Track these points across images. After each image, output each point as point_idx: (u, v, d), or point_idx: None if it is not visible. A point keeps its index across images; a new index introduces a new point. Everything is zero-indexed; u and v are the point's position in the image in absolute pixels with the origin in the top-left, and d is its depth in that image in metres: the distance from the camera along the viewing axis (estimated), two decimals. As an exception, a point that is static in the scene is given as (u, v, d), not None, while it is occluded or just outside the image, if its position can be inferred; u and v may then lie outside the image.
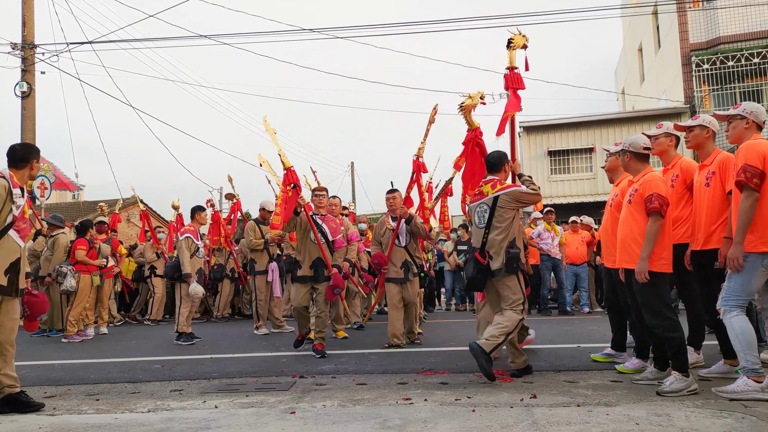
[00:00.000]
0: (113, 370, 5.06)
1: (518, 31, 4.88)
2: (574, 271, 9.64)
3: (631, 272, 3.72)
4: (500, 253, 4.17)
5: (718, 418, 2.91)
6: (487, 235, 4.24)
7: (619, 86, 25.23)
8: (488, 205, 4.27)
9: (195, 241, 7.19)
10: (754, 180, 3.33)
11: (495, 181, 4.36)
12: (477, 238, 4.35)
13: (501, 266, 4.15)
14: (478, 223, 4.36)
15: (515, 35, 4.84)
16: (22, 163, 3.77)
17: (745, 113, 3.59)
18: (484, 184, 4.40)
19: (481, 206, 4.33)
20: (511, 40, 4.83)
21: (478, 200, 4.39)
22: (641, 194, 3.69)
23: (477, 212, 4.37)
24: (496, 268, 4.17)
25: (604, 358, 4.66)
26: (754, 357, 3.33)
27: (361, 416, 3.19)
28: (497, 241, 4.20)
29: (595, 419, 2.96)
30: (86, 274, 7.78)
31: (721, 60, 15.19)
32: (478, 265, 4.18)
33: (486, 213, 4.27)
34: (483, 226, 4.27)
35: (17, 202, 3.64)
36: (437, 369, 4.56)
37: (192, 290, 6.90)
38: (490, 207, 4.25)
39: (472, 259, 4.25)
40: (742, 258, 3.36)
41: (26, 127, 11.38)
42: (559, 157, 16.93)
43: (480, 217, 4.33)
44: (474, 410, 3.22)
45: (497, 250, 4.19)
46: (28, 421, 3.35)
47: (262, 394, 3.90)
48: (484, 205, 4.30)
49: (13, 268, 3.60)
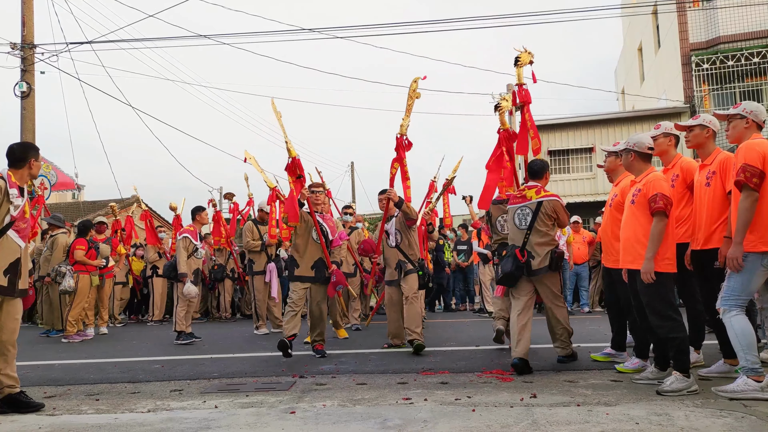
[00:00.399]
0: (113, 370, 5.06)
1: (524, 48, 5.24)
2: (576, 271, 9.64)
3: (635, 272, 3.71)
4: (543, 254, 4.51)
5: (717, 418, 2.92)
6: (529, 236, 4.57)
7: (619, 86, 25.23)
8: (531, 209, 4.61)
9: (193, 241, 7.18)
10: (754, 180, 3.33)
11: (539, 187, 4.71)
12: (517, 237, 4.66)
13: (545, 265, 4.49)
14: (518, 224, 4.68)
15: (521, 53, 5.21)
16: (20, 163, 3.76)
17: (745, 113, 3.59)
18: (527, 189, 4.73)
19: (524, 209, 4.66)
20: (518, 58, 5.19)
21: (519, 203, 4.72)
22: (645, 194, 3.68)
23: (518, 214, 4.69)
24: (538, 267, 4.49)
25: (604, 357, 4.66)
26: (753, 356, 3.33)
27: (361, 416, 3.19)
28: (540, 243, 4.53)
29: (595, 419, 2.96)
30: (85, 274, 7.78)
31: (721, 60, 15.19)
32: (517, 262, 4.49)
33: (528, 216, 4.61)
34: (524, 227, 4.62)
35: (15, 202, 3.62)
36: (437, 369, 4.56)
37: (185, 290, 6.90)
38: (533, 211, 4.59)
39: (512, 255, 4.54)
40: (742, 258, 3.36)
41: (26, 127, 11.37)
42: (558, 157, 16.92)
43: (521, 219, 4.66)
44: (474, 410, 3.22)
45: (540, 251, 4.51)
46: (28, 421, 3.35)
47: (262, 394, 3.90)
48: (527, 208, 4.64)
49: (13, 269, 3.59)
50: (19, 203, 3.67)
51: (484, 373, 4.33)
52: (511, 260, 4.52)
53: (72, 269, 7.65)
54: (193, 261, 7.17)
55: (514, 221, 4.72)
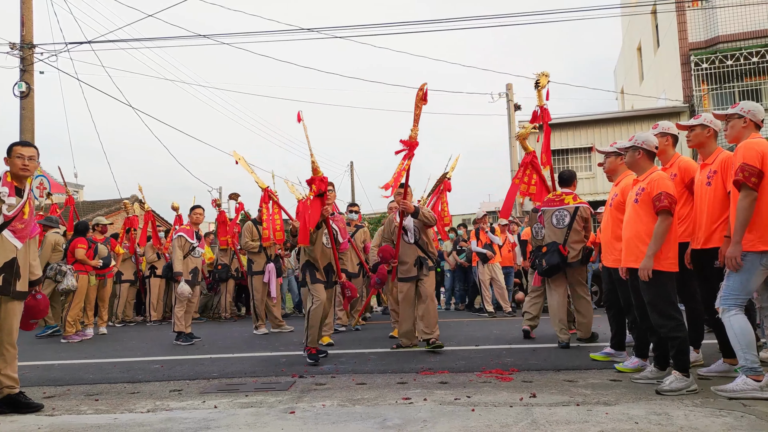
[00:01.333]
0: (112, 371, 5.06)
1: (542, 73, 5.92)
2: None
3: (637, 271, 3.72)
4: (578, 250, 5.50)
5: (717, 417, 2.92)
6: (568, 234, 5.50)
7: (618, 85, 25.23)
8: (570, 212, 5.55)
9: (189, 239, 7.15)
10: (752, 179, 3.33)
11: (574, 194, 5.64)
12: (557, 236, 5.55)
13: (578, 259, 5.49)
14: (556, 224, 5.59)
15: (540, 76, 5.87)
16: (6, 158, 3.72)
17: (743, 112, 3.59)
18: (565, 195, 5.65)
19: (561, 212, 5.59)
20: (538, 81, 5.89)
21: (556, 206, 5.64)
22: (649, 193, 3.68)
23: (555, 215, 5.61)
24: (572, 260, 5.48)
25: (604, 357, 4.66)
26: (753, 356, 3.34)
27: (361, 416, 3.19)
28: (576, 241, 5.51)
29: (595, 418, 2.96)
30: (84, 274, 7.78)
31: (720, 59, 15.19)
32: (561, 256, 5.43)
33: (567, 218, 5.56)
34: (563, 227, 5.55)
35: (6, 201, 3.58)
36: (437, 368, 4.56)
37: (178, 289, 6.88)
38: (571, 214, 5.54)
39: (556, 251, 5.47)
40: (741, 257, 3.36)
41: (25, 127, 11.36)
42: (558, 157, 16.91)
43: (559, 219, 5.59)
44: (473, 410, 3.22)
45: (576, 247, 5.50)
46: (27, 421, 3.35)
47: (261, 393, 3.90)
48: (566, 211, 5.57)
49: (8, 269, 3.56)
50: (12, 202, 3.60)
51: (484, 372, 4.33)
52: (557, 254, 5.42)
53: (72, 268, 7.65)
54: (191, 260, 7.15)
55: (551, 221, 5.59)
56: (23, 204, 3.67)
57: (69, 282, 7.51)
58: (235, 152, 6.94)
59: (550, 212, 5.63)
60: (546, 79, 5.87)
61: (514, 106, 17.07)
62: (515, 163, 16.86)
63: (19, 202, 3.65)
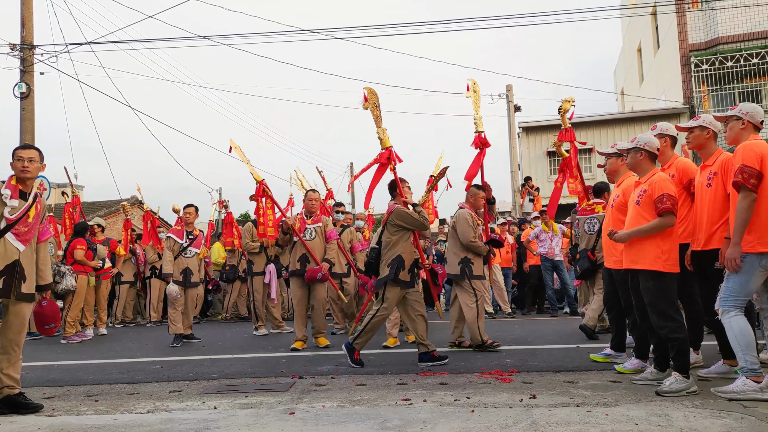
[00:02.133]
0: (112, 371, 5.06)
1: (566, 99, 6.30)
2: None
3: (638, 272, 3.72)
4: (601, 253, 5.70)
5: (717, 418, 2.92)
6: (597, 240, 5.91)
7: (618, 86, 25.24)
8: (599, 220, 5.92)
9: (178, 240, 7.06)
10: (752, 180, 3.33)
11: (604, 204, 5.91)
12: (588, 242, 6.09)
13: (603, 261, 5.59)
14: (587, 230, 6.13)
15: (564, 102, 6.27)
16: (11, 162, 3.72)
17: (741, 114, 3.59)
18: (596, 205, 6.11)
19: (592, 219, 6.11)
20: (560, 108, 6.30)
21: (588, 214, 6.15)
22: (650, 195, 3.69)
23: (588, 223, 6.14)
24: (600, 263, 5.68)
25: (604, 358, 4.65)
26: (752, 357, 3.34)
27: (361, 417, 3.19)
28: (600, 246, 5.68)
29: (594, 419, 2.96)
30: (83, 274, 7.78)
31: (720, 60, 15.20)
32: (590, 261, 6.01)
33: (596, 225, 6.01)
34: (592, 233, 6.06)
35: (8, 203, 3.58)
36: (436, 369, 4.56)
37: (167, 290, 6.86)
38: (599, 221, 5.89)
39: (585, 257, 6.07)
40: (740, 258, 3.36)
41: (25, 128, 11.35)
42: (558, 158, 16.87)
43: (590, 226, 6.10)
44: (473, 411, 3.22)
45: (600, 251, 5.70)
46: (27, 422, 3.35)
47: (261, 394, 3.90)
48: (595, 219, 6.06)
49: (9, 271, 3.55)
50: (15, 205, 3.60)
51: (483, 373, 4.33)
52: (587, 260, 6.05)
53: (71, 269, 7.64)
54: (182, 260, 7.04)
55: (584, 228, 6.17)
56: (27, 207, 3.66)
57: (68, 282, 7.51)
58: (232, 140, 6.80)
59: (583, 220, 6.22)
60: (569, 104, 6.28)
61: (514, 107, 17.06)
62: (515, 163, 16.85)
63: (22, 206, 3.64)
